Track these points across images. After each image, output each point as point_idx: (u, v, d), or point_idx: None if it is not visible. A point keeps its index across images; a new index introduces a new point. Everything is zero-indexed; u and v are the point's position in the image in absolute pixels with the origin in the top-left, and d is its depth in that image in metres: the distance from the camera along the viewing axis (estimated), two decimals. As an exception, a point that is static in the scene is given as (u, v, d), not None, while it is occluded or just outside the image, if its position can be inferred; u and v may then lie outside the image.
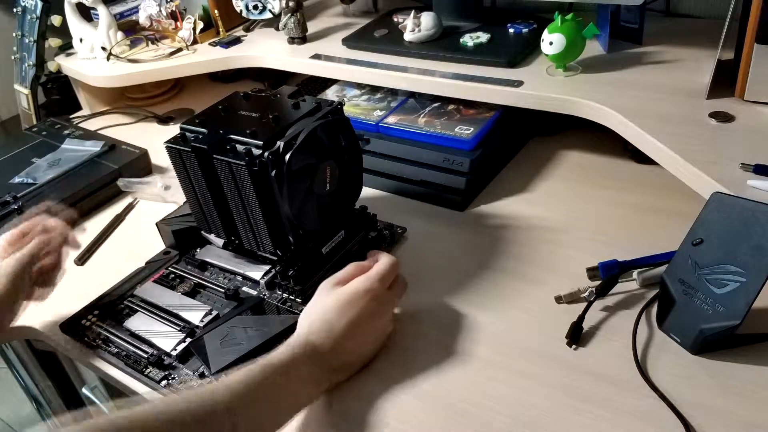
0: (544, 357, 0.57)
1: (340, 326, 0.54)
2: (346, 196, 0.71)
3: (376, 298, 0.56)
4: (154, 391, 0.60)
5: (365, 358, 0.58)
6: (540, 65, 0.84)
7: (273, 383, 0.50)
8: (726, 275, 0.53)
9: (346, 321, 0.55)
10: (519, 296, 0.64)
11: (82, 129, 1.04)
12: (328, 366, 0.54)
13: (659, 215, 0.72)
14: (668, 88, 0.75)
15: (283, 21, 1.02)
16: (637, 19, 0.85)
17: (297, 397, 0.52)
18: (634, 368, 0.54)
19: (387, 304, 0.59)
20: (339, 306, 0.55)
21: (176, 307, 0.67)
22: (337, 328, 0.54)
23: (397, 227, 0.76)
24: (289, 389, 0.51)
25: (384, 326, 0.59)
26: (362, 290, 0.56)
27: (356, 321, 0.55)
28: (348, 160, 0.68)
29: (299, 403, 0.53)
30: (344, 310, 0.55)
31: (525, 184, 0.82)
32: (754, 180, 0.59)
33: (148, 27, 1.14)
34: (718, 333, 0.53)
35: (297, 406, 0.52)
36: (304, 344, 0.53)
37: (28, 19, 1.09)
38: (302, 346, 0.53)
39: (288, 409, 0.51)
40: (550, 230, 0.73)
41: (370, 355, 0.58)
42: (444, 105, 0.87)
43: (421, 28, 0.91)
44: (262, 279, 0.69)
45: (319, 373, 0.53)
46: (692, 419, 0.49)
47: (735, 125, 0.68)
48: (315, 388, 0.54)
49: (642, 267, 0.63)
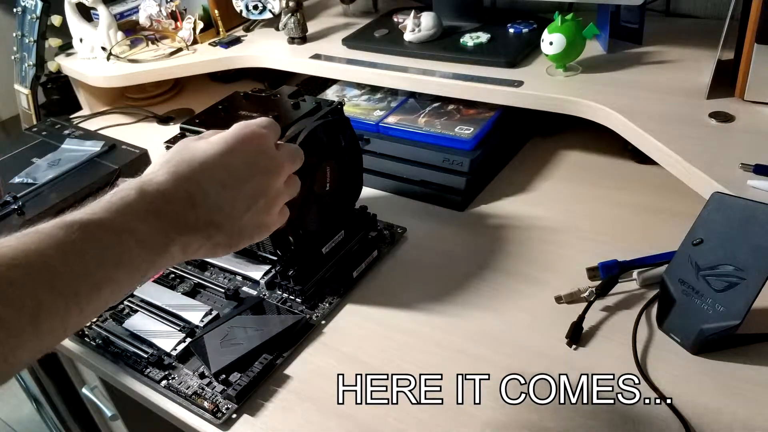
0: (544, 357, 0.57)
1: (199, 166, 0.41)
2: (347, 196, 0.71)
3: (259, 145, 0.45)
4: (155, 391, 0.60)
5: (235, 222, 0.43)
6: (540, 65, 0.84)
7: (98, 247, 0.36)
8: (726, 275, 0.53)
9: (209, 160, 0.42)
10: (519, 296, 0.64)
11: (82, 129, 1.04)
12: (181, 220, 0.40)
13: (659, 215, 0.72)
14: (668, 88, 0.75)
15: (283, 21, 1.02)
16: (637, 19, 0.85)
17: (131, 265, 0.37)
18: (634, 368, 0.54)
19: (273, 159, 0.46)
20: (205, 144, 0.43)
21: (176, 307, 0.67)
22: (195, 167, 0.41)
23: (397, 227, 0.76)
24: (121, 256, 0.37)
25: (265, 189, 0.45)
26: (241, 130, 0.44)
27: (224, 163, 0.42)
28: (348, 160, 0.68)
29: (133, 276, 0.38)
30: (210, 147, 0.43)
31: (525, 184, 0.82)
32: (754, 180, 0.59)
33: (148, 27, 1.14)
34: (718, 333, 0.53)
35: (130, 279, 0.38)
36: (144, 187, 0.39)
37: (28, 19, 1.09)
38: (140, 191, 0.39)
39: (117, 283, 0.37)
40: (550, 230, 0.73)
41: (242, 222, 0.43)
42: (444, 105, 0.87)
43: (421, 28, 0.91)
44: (262, 279, 0.69)
45: (166, 229, 0.39)
46: (692, 419, 0.49)
47: (735, 125, 0.68)
48: (158, 253, 0.39)
49: (642, 267, 0.63)
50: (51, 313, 0.33)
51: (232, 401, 0.56)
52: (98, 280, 0.36)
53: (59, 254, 0.34)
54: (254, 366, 0.59)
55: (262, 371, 0.58)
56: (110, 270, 0.36)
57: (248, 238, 0.45)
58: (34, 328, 0.32)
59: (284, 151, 0.47)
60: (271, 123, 0.48)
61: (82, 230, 0.35)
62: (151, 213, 0.39)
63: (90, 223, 0.36)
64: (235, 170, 0.43)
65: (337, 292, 0.67)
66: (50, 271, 0.33)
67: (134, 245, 0.37)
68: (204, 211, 0.41)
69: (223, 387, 0.58)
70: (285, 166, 0.47)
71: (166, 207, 0.39)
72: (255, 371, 0.58)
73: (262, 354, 0.60)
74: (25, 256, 0.33)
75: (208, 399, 0.57)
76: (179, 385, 0.59)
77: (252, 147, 0.44)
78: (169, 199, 0.40)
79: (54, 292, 0.33)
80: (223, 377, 0.58)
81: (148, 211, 0.38)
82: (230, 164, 0.43)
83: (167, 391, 0.59)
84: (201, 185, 0.41)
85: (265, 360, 0.59)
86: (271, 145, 0.46)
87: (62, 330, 0.34)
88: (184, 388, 0.59)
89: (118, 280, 0.37)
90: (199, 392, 0.58)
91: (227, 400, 0.57)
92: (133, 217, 0.38)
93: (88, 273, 0.35)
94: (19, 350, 0.32)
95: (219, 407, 0.56)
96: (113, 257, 0.36)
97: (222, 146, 0.43)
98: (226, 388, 0.57)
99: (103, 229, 0.36)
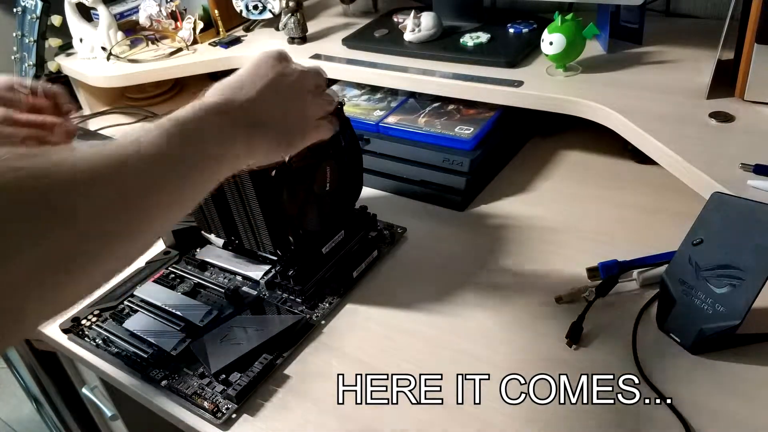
0: (544, 357, 0.57)
1: (247, 79, 0.51)
2: (347, 197, 0.71)
3: (285, 59, 0.54)
4: (155, 391, 0.60)
5: (279, 119, 0.51)
6: (540, 65, 0.84)
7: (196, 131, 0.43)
8: (726, 275, 0.53)
9: (254, 73, 0.51)
10: (519, 296, 0.64)
11: (82, 129, 1.04)
12: (240, 121, 0.48)
13: (659, 215, 0.72)
14: (668, 88, 0.75)
15: (283, 21, 1.02)
16: (637, 19, 0.85)
17: (212, 156, 0.44)
18: (634, 368, 0.54)
19: (301, 70, 0.55)
20: (247, 68, 0.52)
21: (176, 307, 0.67)
22: (243, 82, 0.50)
23: (397, 227, 0.76)
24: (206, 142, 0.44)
25: (303, 87, 0.54)
26: (270, 52, 0.54)
27: (264, 74, 0.52)
28: (348, 160, 0.68)
29: (218, 167, 0.45)
30: (253, 67, 0.52)
31: (525, 184, 0.82)
32: (754, 180, 0.59)
33: (148, 27, 1.14)
34: (718, 333, 0.53)
35: (215, 169, 0.45)
36: (207, 102, 0.47)
37: (28, 19, 1.09)
38: (203, 105, 0.46)
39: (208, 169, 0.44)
40: (550, 230, 0.73)
41: (288, 121, 0.52)
42: (444, 105, 0.87)
43: (421, 28, 0.91)
44: (262, 279, 0.69)
45: (230, 126, 0.46)
46: (692, 419, 0.49)
47: (735, 125, 0.68)
48: (228, 146, 0.46)
49: (642, 267, 0.63)
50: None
51: (232, 401, 0.56)
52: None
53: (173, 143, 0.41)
54: (254, 366, 0.59)
55: (262, 371, 0.58)
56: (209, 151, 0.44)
57: (300, 135, 0.54)
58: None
59: (312, 69, 0.57)
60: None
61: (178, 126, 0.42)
62: (216, 113, 0.46)
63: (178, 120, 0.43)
64: (276, 89, 0.52)
65: (337, 292, 0.67)
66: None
67: (210, 138, 0.44)
68: (251, 114, 0.49)
69: (223, 387, 0.58)
70: (315, 77, 0.56)
71: (225, 112, 0.47)
72: (255, 371, 0.58)
73: (262, 354, 0.60)
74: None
75: (208, 399, 0.57)
76: (179, 385, 0.59)
77: (283, 68, 0.53)
78: (226, 109, 0.47)
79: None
80: (223, 377, 0.58)
81: (216, 112, 0.46)
82: (258, 81, 0.51)
83: (167, 391, 0.59)
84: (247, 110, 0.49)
85: (265, 360, 0.59)
86: (296, 67, 0.55)
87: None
88: (184, 388, 0.59)
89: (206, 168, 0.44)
90: (199, 392, 0.58)
91: (227, 399, 0.57)
92: (205, 116, 0.45)
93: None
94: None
95: (219, 407, 0.56)
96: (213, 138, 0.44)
97: (261, 73, 0.52)
98: (226, 388, 0.57)
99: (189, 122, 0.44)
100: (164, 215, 0.40)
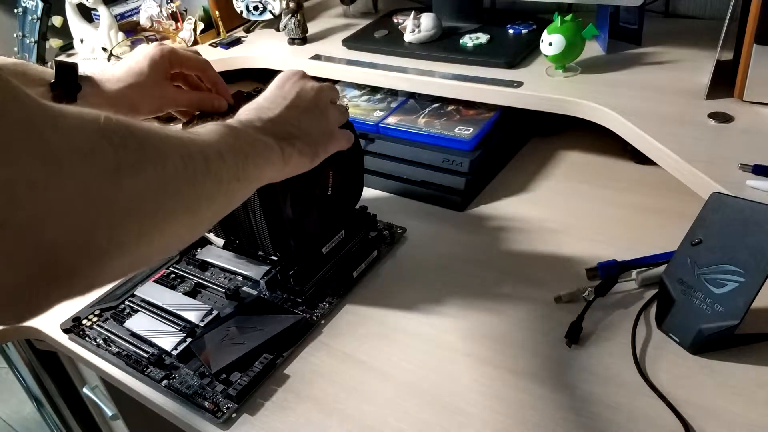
0: (543, 357, 0.57)
1: (272, 99, 0.57)
2: (347, 199, 0.71)
3: (303, 78, 0.60)
4: (155, 390, 0.60)
5: (304, 133, 0.56)
6: (539, 66, 0.84)
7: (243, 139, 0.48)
8: (725, 275, 0.53)
9: (278, 94, 0.57)
10: (519, 296, 0.64)
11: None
12: (278, 132, 0.53)
13: (659, 215, 0.72)
14: (667, 88, 0.75)
15: (283, 22, 1.02)
16: (637, 19, 0.86)
17: (256, 163, 0.49)
18: (634, 368, 0.54)
19: (319, 86, 0.60)
20: (270, 89, 0.59)
21: (177, 307, 0.67)
22: (269, 102, 0.56)
23: (397, 227, 0.76)
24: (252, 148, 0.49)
25: (321, 102, 0.59)
26: (289, 72, 0.60)
27: (287, 94, 0.57)
28: (349, 163, 0.68)
29: (260, 173, 0.50)
30: (275, 87, 0.58)
31: (525, 184, 0.82)
32: (753, 180, 0.60)
33: (149, 28, 1.15)
34: (718, 333, 0.53)
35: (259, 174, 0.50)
36: (238, 121, 0.52)
37: (29, 19, 1.10)
38: (236, 123, 0.51)
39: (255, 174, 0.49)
40: (550, 230, 0.73)
41: (311, 133, 0.57)
42: (444, 106, 0.87)
43: (420, 28, 0.91)
44: (262, 279, 0.69)
45: (269, 138, 0.52)
46: (691, 419, 0.49)
47: (734, 126, 0.68)
48: (267, 155, 0.51)
49: (641, 267, 0.63)
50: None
51: (232, 401, 0.57)
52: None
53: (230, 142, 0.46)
54: (254, 366, 0.59)
55: (263, 371, 0.59)
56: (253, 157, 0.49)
57: (323, 145, 0.58)
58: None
59: (325, 83, 0.62)
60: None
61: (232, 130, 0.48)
62: (253, 128, 0.52)
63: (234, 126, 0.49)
64: (296, 102, 0.57)
65: (337, 292, 0.67)
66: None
67: (259, 144, 0.50)
68: (281, 128, 0.54)
69: (223, 386, 0.58)
70: (327, 87, 0.61)
71: (261, 128, 0.52)
72: (255, 371, 0.58)
73: (262, 354, 0.60)
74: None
75: (208, 398, 0.57)
76: (180, 384, 0.59)
77: (302, 83, 0.59)
78: (261, 125, 0.53)
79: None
80: (224, 377, 0.58)
81: (255, 128, 0.52)
82: (289, 98, 0.57)
83: (168, 390, 0.59)
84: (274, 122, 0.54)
85: (266, 360, 0.59)
86: (310, 80, 0.61)
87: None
88: (185, 388, 0.59)
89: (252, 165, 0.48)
90: (199, 392, 0.58)
91: (227, 399, 0.57)
92: (244, 129, 0.50)
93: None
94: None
95: (219, 407, 0.56)
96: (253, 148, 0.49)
97: (281, 91, 0.58)
98: (227, 388, 0.57)
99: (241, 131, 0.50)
100: (214, 210, 0.44)
